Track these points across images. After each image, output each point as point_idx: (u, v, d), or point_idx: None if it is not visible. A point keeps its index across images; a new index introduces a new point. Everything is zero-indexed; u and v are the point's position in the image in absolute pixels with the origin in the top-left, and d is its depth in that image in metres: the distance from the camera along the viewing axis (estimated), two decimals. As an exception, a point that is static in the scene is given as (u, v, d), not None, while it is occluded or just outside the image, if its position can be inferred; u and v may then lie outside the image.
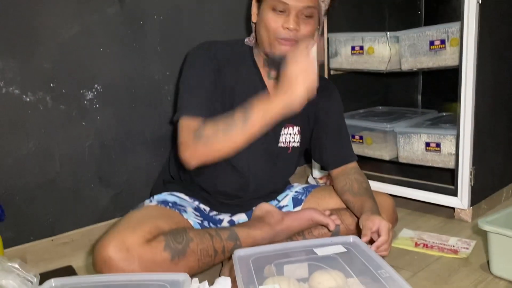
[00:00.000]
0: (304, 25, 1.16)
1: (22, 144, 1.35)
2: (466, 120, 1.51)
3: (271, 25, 1.15)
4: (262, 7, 1.19)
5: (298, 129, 1.34)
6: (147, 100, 1.57)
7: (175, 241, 1.08)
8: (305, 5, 1.13)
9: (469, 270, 1.26)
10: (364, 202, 1.23)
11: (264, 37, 1.19)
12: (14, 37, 1.30)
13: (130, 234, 1.04)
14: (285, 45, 1.16)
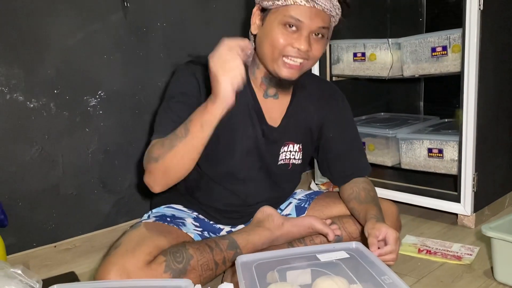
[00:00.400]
0: (316, 45, 1.09)
1: (26, 150, 1.35)
2: (468, 126, 1.51)
3: (279, 41, 1.07)
4: (268, 19, 1.10)
5: (299, 147, 1.30)
6: (150, 107, 1.58)
7: (175, 261, 1.07)
8: (319, 25, 1.07)
9: (473, 276, 1.25)
10: (369, 209, 1.19)
11: (268, 52, 1.10)
12: (18, 44, 1.31)
13: (130, 258, 1.03)
14: (292, 68, 1.10)
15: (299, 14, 1.05)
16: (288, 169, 1.31)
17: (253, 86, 1.20)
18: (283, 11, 1.06)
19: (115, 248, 1.07)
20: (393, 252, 1.06)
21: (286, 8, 1.05)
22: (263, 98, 1.21)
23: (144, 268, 1.03)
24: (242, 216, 1.33)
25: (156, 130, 1.13)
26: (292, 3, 1.04)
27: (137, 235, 1.12)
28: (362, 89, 2.17)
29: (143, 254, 1.04)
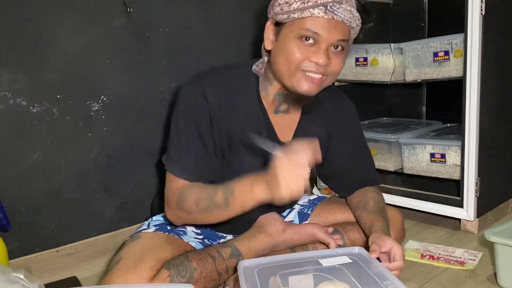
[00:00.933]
0: (336, 59, 1.02)
1: (29, 154, 1.36)
2: (471, 131, 1.51)
3: (295, 56, 0.99)
4: (283, 34, 1.02)
5: None
6: (153, 112, 1.58)
7: (178, 275, 1.05)
8: (339, 38, 0.99)
9: (476, 282, 1.24)
10: (375, 220, 1.14)
11: (284, 68, 1.03)
12: (22, 49, 1.32)
13: (132, 274, 1.01)
14: (313, 82, 1.02)
15: (316, 27, 0.97)
16: None
17: (264, 103, 1.14)
18: (299, 24, 0.98)
19: (116, 263, 1.05)
20: (400, 269, 1.03)
21: (303, 20, 0.97)
22: (273, 114, 1.16)
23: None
24: (244, 225, 1.31)
25: (173, 160, 1.10)
26: (309, 15, 0.96)
27: (138, 248, 1.09)
28: (364, 94, 2.17)
29: (145, 269, 1.03)
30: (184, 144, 1.09)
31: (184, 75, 1.63)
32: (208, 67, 1.68)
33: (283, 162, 0.91)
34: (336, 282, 0.94)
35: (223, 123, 1.11)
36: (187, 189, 1.06)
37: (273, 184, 0.92)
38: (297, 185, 0.90)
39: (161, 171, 1.60)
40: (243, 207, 0.99)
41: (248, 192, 0.97)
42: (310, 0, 0.96)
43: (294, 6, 0.97)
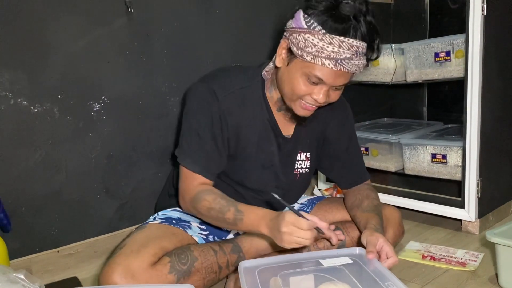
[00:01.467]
0: (334, 94, 1.12)
1: (29, 155, 1.36)
2: (472, 132, 1.50)
3: (299, 91, 1.09)
4: (294, 64, 1.08)
5: (306, 155, 1.31)
6: (154, 112, 1.58)
7: (179, 263, 1.08)
8: (342, 84, 1.08)
9: (477, 283, 1.24)
10: (369, 218, 1.19)
11: (287, 92, 1.12)
12: (23, 49, 1.32)
13: (135, 258, 1.04)
14: (307, 109, 1.13)
15: (323, 75, 1.04)
16: (295, 179, 1.31)
17: (269, 101, 1.21)
18: (309, 66, 1.04)
19: (120, 249, 1.09)
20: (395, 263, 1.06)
21: (313, 65, 1.04)
22: (276, 112, 1.22)
23: (148, 269, 1.03)
24: None
25: (186, 155, 1.17)
26: (320, 64, 1.03)
27: (142, 236, 1.13)
28: (365, 95, 2.16)
29: (147, 254, 1.05)
30: (198, 141, 1.16)
31: (185, 75, 1.63)
32: (208, 67, 1.69)
33: (289, 220, 0.99)
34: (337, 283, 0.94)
35: (232, 120, 1.18)
36: (204, 192, 1.14)
37: (276, 233, 1.01)
38: (297, 242, 1.00)
39: (167, 171, 1.60)
40: (248, 231, 1.12)
41: (255, 226, 1.07)
42: (324, 52, 1.01)
43: (309, 50, 1.03)
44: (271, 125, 1.22)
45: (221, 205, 1.11)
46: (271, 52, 1.86)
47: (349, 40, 1.01)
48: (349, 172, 1.37)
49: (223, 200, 1.12)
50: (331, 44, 1.00)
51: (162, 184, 1.55)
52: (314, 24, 1.02)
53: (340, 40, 1.00)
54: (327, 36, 1.00)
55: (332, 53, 1.01)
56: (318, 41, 1.01)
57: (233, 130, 1.18)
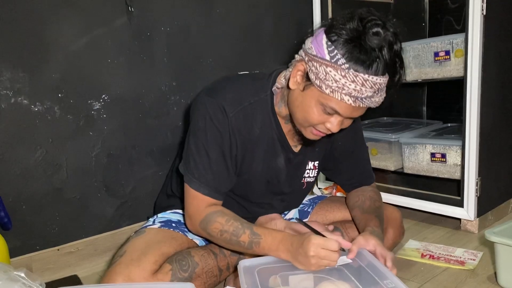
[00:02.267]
0: (346, 123, 1.07)
1: (30, 153, 1.36)
2: (471, 131, 1.51)
3: (313, 119, 1.04)
4: (310, 90, 1.02)
5: (314, 164, 1.29)
6: (154, 111, 1.58)
7: (181, 270, 1.07)
8: (357, 115, 1.04)
9: (476, 281, 1.24)
10: (369, 220, 1.17)
11: (298, 118, 1.07)
12: (23, 48, 1.32)
13: (135, 267, 1.03)
14: (317, 135, 1.09)
15: (340, 109, 1.00)
16: (302, 188, 1.30)
17: (277, 114, 1.17)
18: (326, 98, 0.99)
19: (119, 257, 1.07)
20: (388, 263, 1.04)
21: (331, 98, 0.99)
22: (285, 124, 1.18)
23: (149, 278, 1.03)
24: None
25: (192, 174, 1.11)
26: (339, 99, 0.98)
27: (142, 243, 1.11)
28: (365, 94, 2.16)
29: (148, 263, 1.04)
30: (206, 161, 1.10)
31: (185, 74, 1.64)
32: (209, 66, 1.69)
33: (317, 243, 0.95)
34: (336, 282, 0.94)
35: (241, 137, 1.13)
36: (215, 213, 1.09)
37: (301, 258, 0.97)
38: (325, 265, 0.97)
39: (167, 170, 1.60)
40: (266, 253, 1.05)
41: (274, 251, 1.02)
42: (345, 88, 0.96)
43: (329, 84, 0.97)
44: (280, 140, 1.18)
45: (235, 227, 1.05)
46: (274, 55, 1.87)
47: (373, 78, 0.95)
48: (354, 176, 1.34)
49: (237, 222, 1.06)
50: (353, 82, 0.95)
51: (162, 183, 1.56)
52: (337, 56, 0.95)
53: (363, 79, 0.94)
54: (350, 74, 0.94)
55: (354, 91, 0.96)
56: (340, 77, 0.95)
57: (241, 147, 1.14)
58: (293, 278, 0.98)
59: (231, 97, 1.11)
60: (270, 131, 1.16)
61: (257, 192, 1.22)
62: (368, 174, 1.36)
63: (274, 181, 1.22)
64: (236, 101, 1.11)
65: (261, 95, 1.14)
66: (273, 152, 1.19)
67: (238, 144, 1.13)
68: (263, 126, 1.15)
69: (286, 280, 0.97)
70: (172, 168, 1.40)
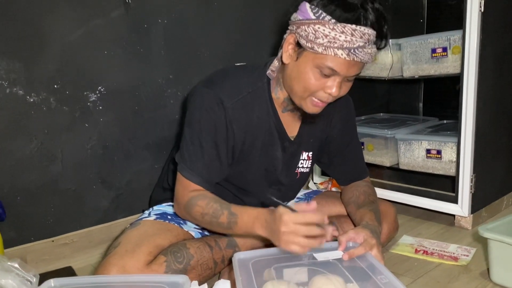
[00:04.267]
0: (345, 87, 1.08)
1: (25, 144, 1.35)
2: (467, 128, 1.51)
3: (312, 85, 1.04)
4: (303, 57, 1.03)
5: (308, 155, 1.29)
6: (150, 103, 1.58)
7: (175, 262, 1.07)
8: (354, 74, 1.05)
9: (469, 277, 1.25)
10: (364, 215, 1.18)
11: (298, 90, 1.07)
12: (19, 38, 1.31)
13: (130, 258, 1.03)
14: (318, 106, 1.08)
15: (336, 66, 1.00)
16: (296, 178, 1.31)
17: (275, 103, 1.18)
18: (320, 58, 1.00)
19: (114, 248, 1.07)
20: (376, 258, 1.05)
21: (325, 56, 1.00)
22: (281, 113, 1.19)
23: (144, 269, 1.03)
24: None
25: (186, 164, 1.13)
26: (332, 54, 0.99)
27: (137, 234, 1.11)
28: (361, 89, 2.17)
29: (143, 254, 1.04)
30: (199, 151, 1.12)
31: (182, 67, 1.63)
32: (206, 59, 1.68)
33: (287, 219, 0.93)
34: (330, 276, 0.95)
35: (239, 128, 1.14)
36: (197, 197, 1.11)
37: (274, 235, 0.96)
38: (299, 243, 0.93)
39: (163, 163, 1.60)
40: (245, 234, 1.07)
41: (250, 228, 1.03)
42: (337, 42, 0.97)
43: (320, 41, 0.98)
44: (277, 128, 1.19)
45: (215, 209, 1.07)
46: (272, 47, 1.86)
47: (361, 28, 0.97)
48: (348, 169, 1.36)
49: (217, 203, 1.08)
50: (343, 33, 0.96)
51: (158, 176, 1.55)
52: (323, 14, 0.97)
53: (352, 29, 0.96)
54: (338, 25, 0.96)
55: (345, 42, 0.97)
56: (329, 31, 0.97)
57: (239, 138, 1.15)
58: (288, 271, 0.99)
59: (229, 88, 1.12)
60: (267, 119, 1.17)
61: (255, 181, 1.23)
62: (362, 168, 1.37)
63: (272, 169, 1.23)
64: (234, 92, 1.12)
65: (258, 84, 1.15)
66: (270, 140, 1.19)
67: (236, 134, 1.14)
68: (261, 115, 1.16)
69: (280, 273, 0.98)
70: (168, 161, 1.40)
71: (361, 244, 1.06)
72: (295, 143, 1.24)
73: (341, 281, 0.93)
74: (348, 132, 1.33)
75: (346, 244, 1.07)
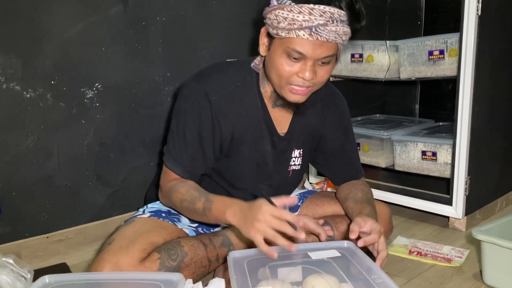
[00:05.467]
0: (321, 72, 1.06)
1: (21, 140, 1.35)
2: (462, 130, 1.52)
3: (284, 72, 1.04)
4: (273, 46, 1.05)
5: (300, 152, 1.29)
6: (147, 101, 1.58)
7: (169, 259, 1.07)
8: (323, 55, 1.02)
9: (462, 279, 1.26)
10: (362, 209, 1.19)
11: (275, 80, 1.08)
12: (17, 33, 1.30)
13: (123, 255, 1.03)
14: (298, 94, 1.08)
15: (301, 48, 1.00)
16: (288, 176, 1.31)
17: (264, 97, 1.18)
18: (286, 42, 1.01)
19: (108, 244, 1.07)
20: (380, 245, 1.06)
21: (289, 40, 1.00)
22: (271, 108, 1.20)
23: (137, 266, 1.03)
24: None
25: (171, 155, 1.16)
26: (295, 36, 0.99)
27: (131, 231, 1.12)
28: (358, 90, 2.17)
29: (136, 251, 1.05)
30: (183, 142, 1.15)
31: (180, 65, 1.63)
32: (204, 58, 1.68)
33: (267, 209, 0.94)
34: (324, 275, 0.95)
35: (226, 121, 1.15)
36: (178, 185, 1.14)
37: (248, 221, 0.96)
38: (271, 236, 0.93)
39: (158, 161, 1.60)
40: (217, 221, 1.09)
41: (222, 214, 1.04)
42: (296, 23, 0.98)
43: (282, 25, 1.00)
44: (266, 123, 1.19)
45: (193, 196, 1.09)
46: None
47: (320, 7, 0.96)
48: (344, 169, 1.36)
49: (196, 191, 1.11)
50: (301, 13, 0.97)
51: (153, 173, 1.55)
52: (284, 0, 0.99)
53: (310, 8, 0.96)
54: (295, 7, 0.97)
55: (304, 22, 0.97)
56: (288, 13, 0.98)
57: (227, 131, 1.16)
58: (282, 270, 0.99)
59: (216, 82, 1.15)
60: (256, 112, 1.18)
61: (246, 176, 1.23)
62: (357, 169, 1.38)
63: (263, 164, 1.23)
64: (221, 86, 1.14)
65: (247, 78, 1.17)
66: (259, 133, 1.20)
67: (223, 127, 1.15)
68: (250, 108, 1.17)
69: (275, 272, 0.98)
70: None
71: (372, 232, 1.06)
72: (285, 139, 1.24)
73: (335, 280, 0.93)
74: (342, 133, 1.33)
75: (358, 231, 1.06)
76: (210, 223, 1.15)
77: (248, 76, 1.17)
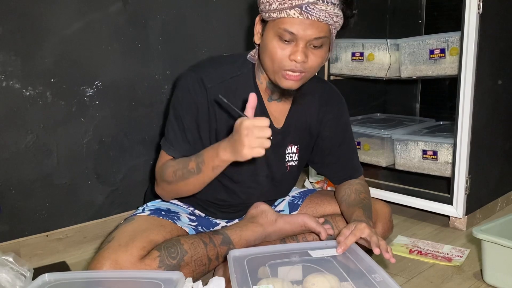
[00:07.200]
0: (313, 56, 1.06)
1: (20, 138, 1.35)
2: (463, 129, 1.52)
3: (276, 55, 1.05)
4: (266, 31, 1.07)
5: (297, 148, 1.29)
6: (147, 99, 1.58)
7: (169, 257, 1.07)
8: (315, 36, 1.02)
9: (462, 278, 1.26)
10: (354, 213, 1.18)
11: (268, 65, 1.09)
12: (17, 31, 1.30)
13: (123, 253, 1.03)
14: (291, 79, 1.08)
15: (292, 27, 1.01)
16: (286, 172, 1.30)
17: (260, 89, 1.19)
18: (278, 23, 1.03)
19: (108, 242, 1.07)
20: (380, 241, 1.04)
21: (281, 20, 1.02)
22: (267, 102, 1.21)
23: (137, 263, 1.03)
24: (238, 211, 1.33)
25: (168, 141, 1.18)
26: (285, 16, 1.01)
27: (131, 229, 1.12)
28: (359, 89, 2.17)
29: (136, 249, 1.04)
30: (179, 129, 1.16)
31: (180, 63, 1.63)
32: (204, 56, 1.68)
33: (248, 123, 0.95)
34: (325, 274, 0.95)
35: (222, 109, 1.15)
36: (168, 162, 1.16)
37: (237, 143, 0.96)
38: (259, 144, 0.95)
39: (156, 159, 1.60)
40: (214, 171, 1.07)
41: (215, 156, 1.03)
42: (287, 2, 1.00)
43: (274, 6, 1.02)
44: (261, 114, 1.18)
45: (183, 162, 1.10)
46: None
47: None
48: (341, 168, 1.35)
49: (184, 159, 1.12)
50: None
51: (153, 171, 1.55)
52: None
53: None
54: None
55: (294, 0, 0.99)
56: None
57: (222, 121, 1.16)
58: (282, 269, 0.99)
59: (212, 72, 1.16)
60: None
61: (243, 168, 1.22)
62: (355, 167, 1.37)
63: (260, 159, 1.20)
64: (217, 76, 1.16)
65: (243, 70, 1.18)
66: None
67: (218, 117, 1.16)
68: (245, 99, 1.16)
69: (275, 270, 0.98)
70: None
71: (351, 232, 1.04)
72: (281, 133, 1.24)
73: (335, 279, 0.93)
74: (340, 131, 1.33)
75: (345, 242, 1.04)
76: (207, 179, 1.09)
77: (244, 69, 1.19)
